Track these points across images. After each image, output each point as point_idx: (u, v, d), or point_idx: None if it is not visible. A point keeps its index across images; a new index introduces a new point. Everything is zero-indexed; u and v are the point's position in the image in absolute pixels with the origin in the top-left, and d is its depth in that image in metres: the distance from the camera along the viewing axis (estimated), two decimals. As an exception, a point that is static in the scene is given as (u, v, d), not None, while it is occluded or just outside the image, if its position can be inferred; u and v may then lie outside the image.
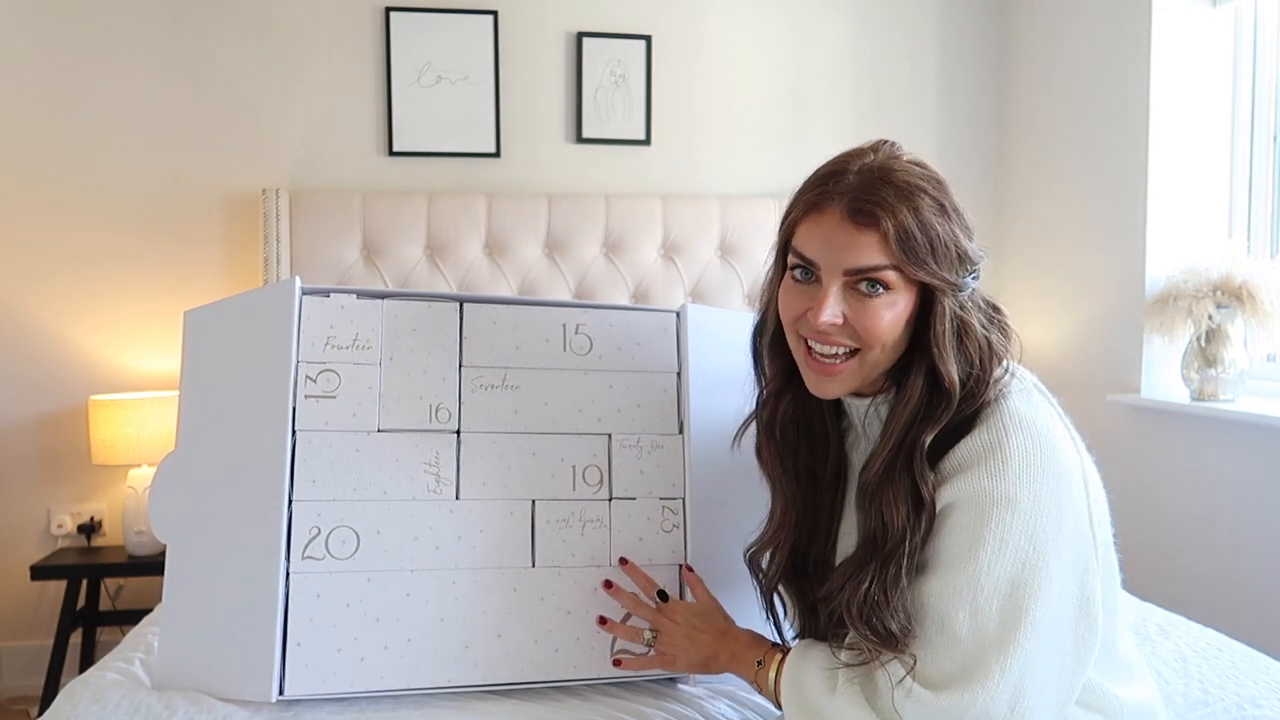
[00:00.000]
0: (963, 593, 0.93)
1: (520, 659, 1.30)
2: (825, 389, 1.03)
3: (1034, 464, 0.95)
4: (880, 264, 0.96)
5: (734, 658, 1.16)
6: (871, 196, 0.96)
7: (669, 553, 1.36)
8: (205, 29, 2.77)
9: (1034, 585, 0.93)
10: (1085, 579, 0.98)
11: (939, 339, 0.98)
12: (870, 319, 0.98)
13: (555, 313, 1.41)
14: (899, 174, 0.98)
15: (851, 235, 0.97)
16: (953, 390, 0.98)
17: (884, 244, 0.96)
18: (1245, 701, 1.35)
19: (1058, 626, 0.96)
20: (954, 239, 0.98)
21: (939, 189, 0.99)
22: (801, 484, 1.12)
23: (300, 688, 1.23)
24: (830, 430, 1.13)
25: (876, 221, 0.96)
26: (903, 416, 1.00)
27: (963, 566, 0.94)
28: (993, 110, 3.22)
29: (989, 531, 0.93)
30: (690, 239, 2.91)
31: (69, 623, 2.62)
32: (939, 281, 0.97)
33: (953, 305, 0.99)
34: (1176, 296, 2.46)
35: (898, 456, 0.99)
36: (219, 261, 2.81)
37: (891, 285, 0.98)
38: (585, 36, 2.94)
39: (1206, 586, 2.46)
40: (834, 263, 0.98)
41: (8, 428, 2.73)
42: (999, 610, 0.93)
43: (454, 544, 1.30)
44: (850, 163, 1.00)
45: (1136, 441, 2.64)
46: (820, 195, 0.99)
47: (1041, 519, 0.94)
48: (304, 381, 1.30)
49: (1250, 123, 2.62)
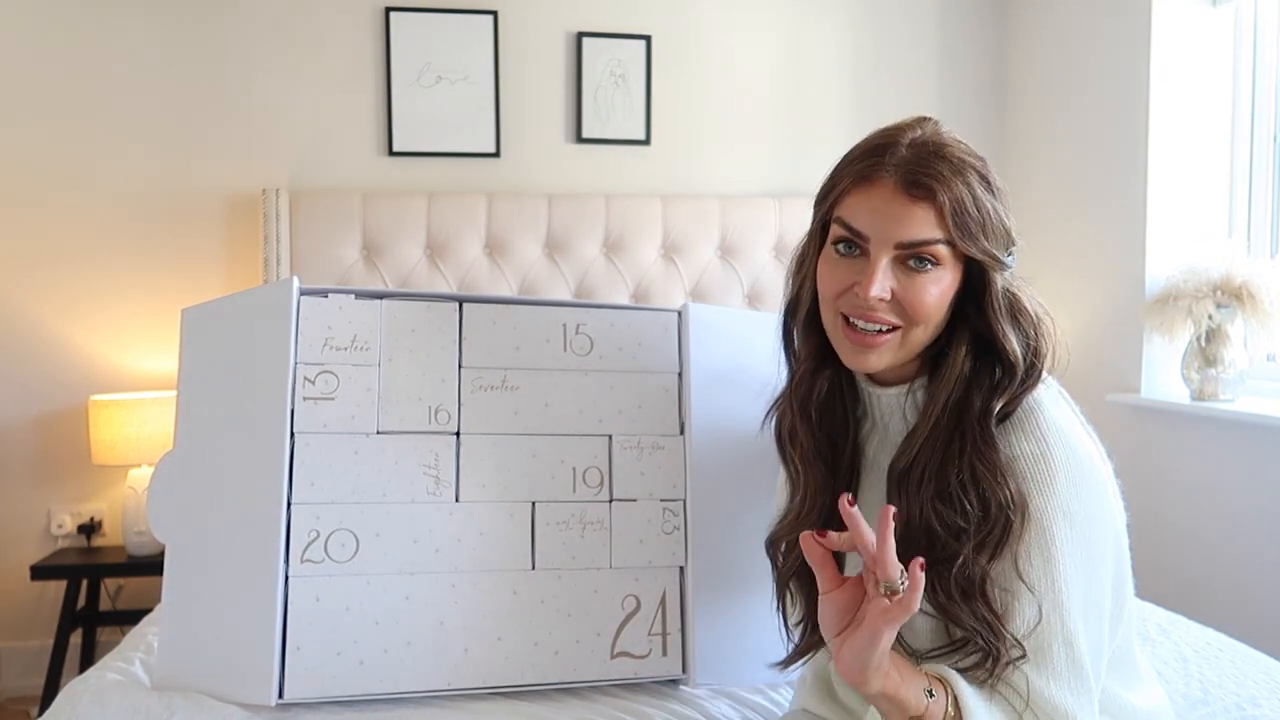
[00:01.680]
0: (1051, 621, 0.92)
1: (520, 662, 1.30)
2: (863, 361, 0.99)
3: (1079, 475, 0.95)
4: (934, 238, 0.94)
5: (894, 673, 0.91)
6: (927, 169, 0.94)
7: (669, 555, 1.36)
8: (206, 29, 2.77)
9: (1099, 598, 0.95)
10: (1121, 587, 0.99)
11: (997, 313, 0.97)
12: (919, 294, 0.96)
13: (555, 313, 1.40)
14: (951, 148, 0.96)
15: (905, 207, 0.94)
16: (1016, 362, 0.97)
17: (939, 217, 0.94)
18: (1245, 701, 1.35)
19: (1101, 633, 0.97)
20: (1001, 217, 0.98)
21: (985, 166, 0.98)
22: (829, 467, 1.08)
23: (299, 691, 1.23)
24: (849, 418, 1.10)
25: (932, 195, 0.93)
26: (944, 391, 0.98)
27: (1040, 588, 0.93)
28: (992, 110, 3.22)
29: (1057, 548, 0.93)
30: (690, 239, 2.91)
31: (69, 623, 2.62)
32: (988, 257, 0.96)
33: (1003, 280, 0.99)
34: (1176, 296, 2.45)
35: (944, 433, 0.96)
36: (219, 261, 2.81)
37: (941, 260, 0.96)
38: (585, 36, 2.94)
39: (1206, 586, 2.46)
40: (886, 235, 0.95)
41: (8, 428, 2.73)
42: (1085, 631, 0.93)
43: (453, 546, 1.30)
44: (900, 135, 0.97)
45: (1136, 441, 2.64)
46: (872, 166, 0.96)
47: (1091, 529, 0.95)
48: (302, 383, 1.30)
49: (1250, 123, 2.62)
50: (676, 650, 1.35)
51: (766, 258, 2.96)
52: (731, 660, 1.36)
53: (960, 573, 0.93)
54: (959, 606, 0.93)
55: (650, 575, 1.35)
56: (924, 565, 0.84)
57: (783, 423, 1.12)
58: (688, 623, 1.35)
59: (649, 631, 1.34)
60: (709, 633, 1.35)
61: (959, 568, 0.93)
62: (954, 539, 0.94)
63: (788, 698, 1.37)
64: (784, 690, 1.38)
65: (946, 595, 0.93)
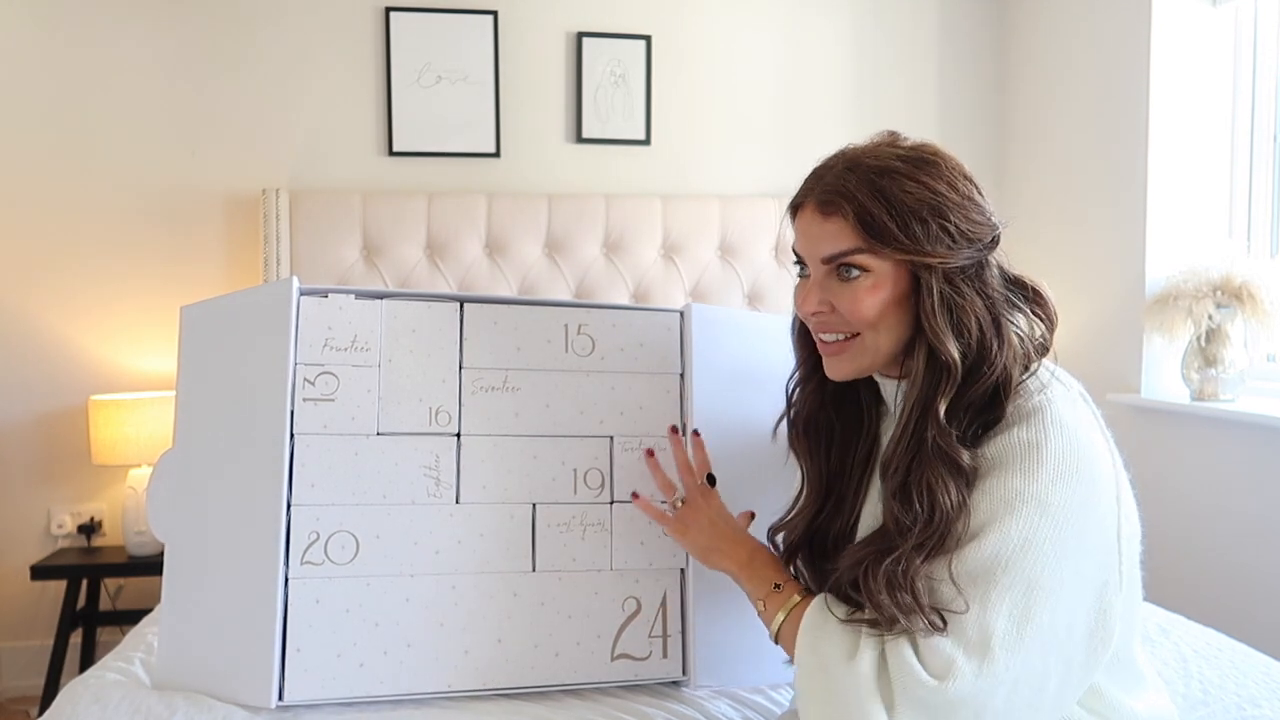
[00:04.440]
0: (978, 583, 0.93)
1: (520, 664, 1.30)
2: (834, 369, 1.07)
3: (1069, 469, 0.95)
4: (849, 247, 1.00)
5: (748, 567, 1.15)
6: (836, 186, 1.00)
7: (670, 556, 1.36)
8: (205, 29, 2.77)
9: (1049, 589, 0.93)
10: (1105, 591, 0.97)
11: (928, 315, 0.99)
12: (850, 302, 1.01)
13: (557, 313, 1.40)
14: (869, 161, 1.01)
15: (820, 225, 1.02)
16: (951, 364, 0.98)
17: (848, 229, 1.00)
18: (1245, 702, 1.35)
19: (1069, 635, 0.95)
20: (939, 215, 0.98)
21: (923, 168, 0.99)
22: (829, 464, 1.16)
23: (300, 693, 1.23)
24: (866, 411, 1.15)
25: (839, 208, 1.00)
26: (910, 394, 1.02)
27: (983, 559, 0.93)
28: (992, 110, 3.22)
29: (1014, 529, 0.93)
30: (690, 239, 2.91)
31: (69, 623, 2.62)
32: (915, 258, 0.98)
33: (938, 282, 0.99)
34: (1176, 296, 2.45)
35: (912, 435, 1.00)
36: (219, 261, 2.81)
37: (868, 267, 1.00)
38: (585, 36, 2.94)
39: (1206, 586, 2.46)
40: (813, 253, 1.04)
41: (8, 428, 2.73)
42: (1009, 608, 0.92)
43: (454, 548, 1.30)
44: (834, 161, 1.04)
45: (1136, 441, 2.64)
46: (800, 194, 1.06)
47: (1069, 525, 0.94)
48: (302, 384, 1.29)
49: (1250, 123, 2.62)
50: (677, 652, 1.35)
51: (766, 258, 2.96)
52: (732, 661, 1.36)
53: (891, 566, 0.95)
54: (881, 596, 0.94)
55: (651, 577, 1.35)
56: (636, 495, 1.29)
57: (794, 419, 1.19)
58: (688, 624, 1.34)
59: (649, 633, 1.34)
60: (709, 634, 1.35)
61: (891, 561, 0.95)
62: (898, 534, 0.97)
63: (788, 698, 1.37)
64: (784, 690, 1.39)
65: (874, 584, 0.95)
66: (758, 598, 1.13)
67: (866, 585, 0.96)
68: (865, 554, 0.99)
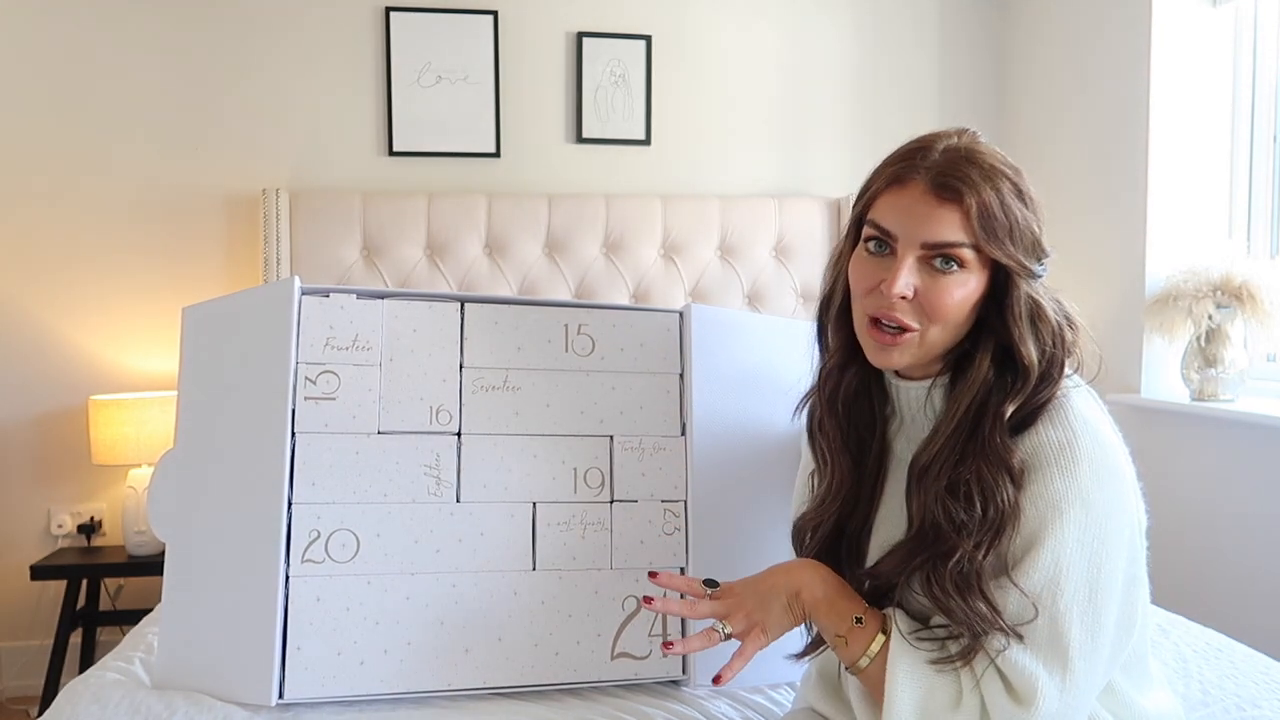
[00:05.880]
0: (1043, 594, 0.93)
1: (520, 662, 1.30)
2: (885, 358, 1.02)
3: (1103, 466, 0.96)
4: (959, 240, 0.97)
5: (823, 603, 1.03)
6: (956, 173, 0.97)
7: (670, 556, 1.36)
8: (206, 29, 2.77)
9: (1107, 589, 0.94)
10: (1132, 587, 0.99)
11: (1017, 319, 0.99)
12: (940, 295, 0.98)
13: (557, 313, 1.40)
14: (983, 156, 0.99)
15: (933, 208, 0.97)
16: (1031, 367, 0.98)
17: (965, 221, 0.97)
18: (1245, 702, 1.35)
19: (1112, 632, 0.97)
20: (1030, 226, 1.00)
21: (1019, 176, 1.01)
22: (855, 459, 1.11)
23: (300, 691, 1.23)
24: (876, 414, 1.12)
25: (960, 197, 0.96)
26: (967, 395, 1.00)
27: (1044, 568, 0.94)
28: (992, 110, 3.22)
29: (1068, 534, 0.93)
30: (690, 239, 2.91)
31: (69, 623, 2.62)
32: (1014, 263, 0.98)
33: (1028, 287, 1.00)
34: (1176, 296, 2.45)
35: (964, 433, 0.99)
36: (219, 261, 2.81)
37: (965, 263, 0.98)
38: (585, 36, 2.94)
39: (1206, 587, 2.46)
40: (912, 235, 0.98)
41: (8, 428, 2.73)
42: (1079, 614, 0.93)
43: (454, 547, 1.30)
44: (935, 142, 1.01)
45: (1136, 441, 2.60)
46: (905, 168, 1.00)
47: (1109, 521, 0.95)
48: (303, 383, 1.30)
49: (1250, 123, 2.62)
50: (677, 651, 1.35)
51: (766, 258, 2.96)
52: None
53: (956, 568, 0.95)
54: (953, 600, 0.94)
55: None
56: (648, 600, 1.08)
57: (813, 414, 1.16)
58: (688, 624, 1.35)
59: (649, 632, 1.34)
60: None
61: (955, 563, 0.95)
62: (955, 533, 0.96)
63: (788, 698, 1.37)
64: (784, 690, 1.39)
65: (941, 590, 0.95)
66: (838, 634, 1.02)
67: (932, 593, 0.96)
68: (917, 558, 0.98)
